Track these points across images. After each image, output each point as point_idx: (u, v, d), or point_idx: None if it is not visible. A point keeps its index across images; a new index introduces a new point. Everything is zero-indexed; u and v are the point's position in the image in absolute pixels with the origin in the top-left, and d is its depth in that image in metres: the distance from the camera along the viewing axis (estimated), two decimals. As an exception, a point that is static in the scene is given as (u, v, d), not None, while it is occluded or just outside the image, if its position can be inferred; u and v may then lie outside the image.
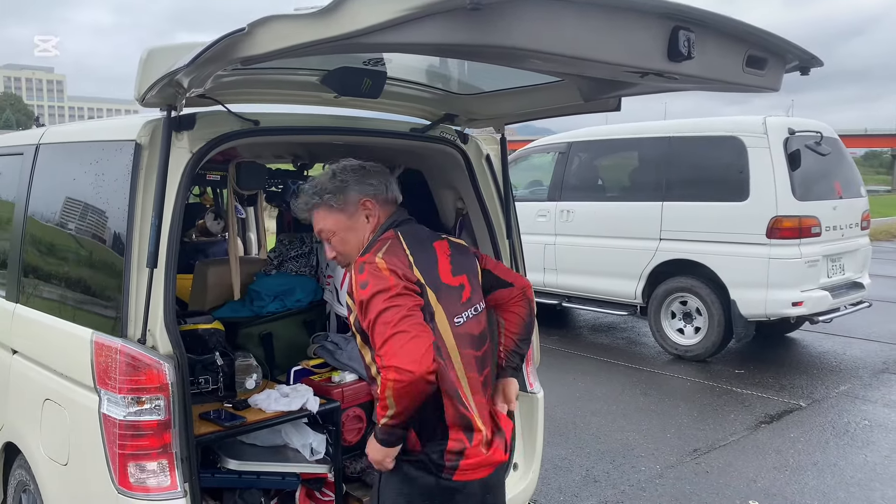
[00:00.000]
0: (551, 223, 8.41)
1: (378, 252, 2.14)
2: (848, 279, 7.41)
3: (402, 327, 1.95)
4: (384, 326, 1.96)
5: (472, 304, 2.28)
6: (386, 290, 2.01)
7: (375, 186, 2.34)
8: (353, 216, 2.32)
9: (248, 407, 2.91)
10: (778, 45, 2.08)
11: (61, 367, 2.66)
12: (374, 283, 2.03)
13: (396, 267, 2.09)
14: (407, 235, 2.26)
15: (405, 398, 1.96)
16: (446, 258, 2.28)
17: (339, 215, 2.32)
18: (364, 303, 2.03)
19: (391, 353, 1.93)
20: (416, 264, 2.16)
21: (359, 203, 2.32)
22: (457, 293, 2.23)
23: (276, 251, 3.91)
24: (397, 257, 2.14)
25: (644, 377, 6.90)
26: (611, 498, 4.35)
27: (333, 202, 2.32)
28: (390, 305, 1.99)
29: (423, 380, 1.92)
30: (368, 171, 2.38)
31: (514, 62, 2.02)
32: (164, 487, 2.30)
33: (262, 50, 1.77)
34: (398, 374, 1.91)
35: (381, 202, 2.34)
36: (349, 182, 2.33)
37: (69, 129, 3.23)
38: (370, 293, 2.02)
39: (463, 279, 2.28)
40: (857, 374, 6.90)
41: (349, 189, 2.32)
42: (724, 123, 7.34)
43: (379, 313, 1.98)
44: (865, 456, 4.96)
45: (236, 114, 2.58)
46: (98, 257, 2.63)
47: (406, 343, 1.93)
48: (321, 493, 3.11)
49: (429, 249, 2.27)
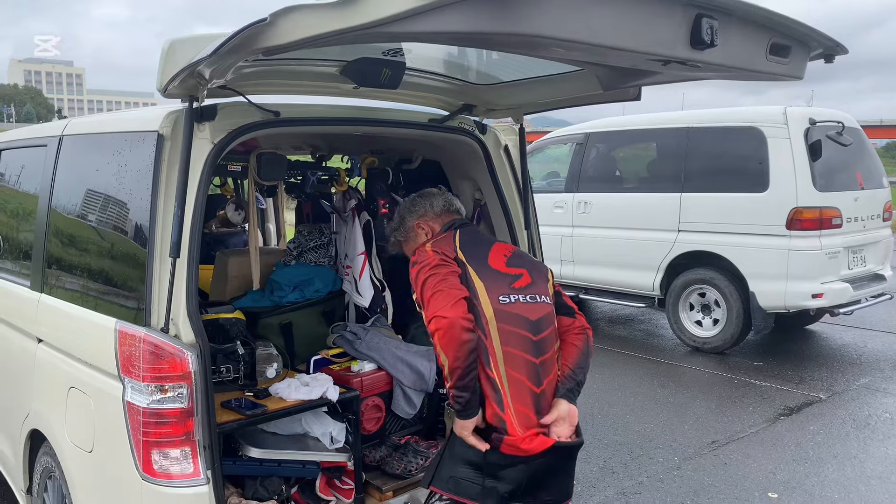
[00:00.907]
0: (568, 215, 8.37)
1: (429, 242, 2.58)
2: (869, 271, 7.33)
3: (439, 287, 2.29)
4: (426, 293, 2.31)
5: (530, 292, 2.45)
6: (426, 264, 2.39)
7: (420, 209, 2.79)
8: (416, 239, 2.77)
9: (268, 396, 2.93)
10: (802, 32, 2.06)
11: (86, 356, 2.69)
12: (420, 260, 2.43)
13: (439, 248, 2.46)
14: (464, 234, 2.60)
15: (448, 344, 2.19)
16: (503, 253, 2.56)
17: (410, 243, 2.80)
18: (414, 276, 2.41)
19: (430, 309, 2.26)
20: (461, 249, 2.49)
21: (415, 227, 2.78)
22: (506, 278, 2.45)
23: (295, 242, 3.93)
24: (445, 244, 2.51)
25: (662, 369, 6.87)
26: (629, 489, 4.35)
27: (400, 236, 2.85)
28: (430, 275, 2.34)
29: (457, 324, 2.18)
30: (415, 199, 2.85)
31: (535, 51, 2.02)
32: (186, 474, 2.33)
33: (285, 40, 1.78)
34: (436, 322, 2.21)
35: (430, 218, 2.76)
36: (404, 215, 2.83)
37: (92, 120, 3.26)
38: (417, 269, 2.41)
39: (521, 271, 2.50)
40: (877, 367, 6.84)
41: (405, 220, 2.82)
42: (743, 114, 7.26)
43: (423, 283, 2.34)
44: (886, 449, 4.92)
45: (257, 105, 2.59)
46: (121, 247, 2.66)
47: (440, 298, 2.26)
48: (341, 481, 3.13)
49: (483, 243, 2.60)
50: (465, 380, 2.22)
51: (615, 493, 4.28)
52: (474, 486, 2.28)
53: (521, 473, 2.27)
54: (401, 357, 3.38)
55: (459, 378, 2.21)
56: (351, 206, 3.85)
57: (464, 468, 2.32)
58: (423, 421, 3.59)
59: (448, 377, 2.23)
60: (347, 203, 3.87)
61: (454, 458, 2.36)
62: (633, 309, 8.93)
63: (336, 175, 3.93)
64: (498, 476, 2.27)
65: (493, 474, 2.28)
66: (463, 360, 2.19)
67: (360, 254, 3.74)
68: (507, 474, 2.27)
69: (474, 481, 2.29)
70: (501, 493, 2.27)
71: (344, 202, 3.89)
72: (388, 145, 3.84)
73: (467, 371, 2.21)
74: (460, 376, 2.21)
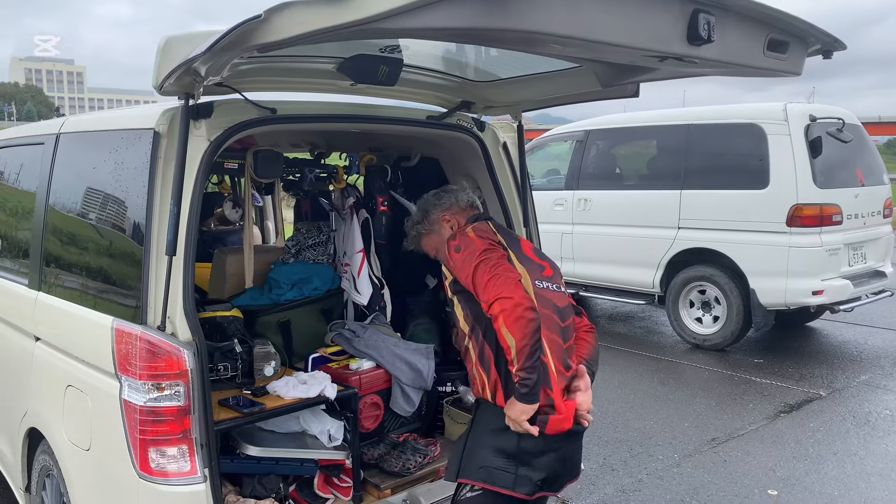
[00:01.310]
0: (568, 212, 8.37)
1: (468, 227, 2.59)
2: (869, 268, 7.32)
3: (496, 272, 2.29)
4: (482, 277, 2.29)
5: (555, 282, 2.55)
6: (475, 249, 2.38)
7: (447, 201, 2.77)
8: (441, 231, 2.75)
9: (266, 394, 2.92)
10: (800, 27, 2.05)
11: (83, 354, 2.69)
12: (465, 245, 2.43)
13: (482, 233, 2.49)
14: (497, 225, 2.66)
15: (516, 324, 2.19)
16: (529, 246, 2.65)
17: (433, 236, 2.79)
18: (460, 262, 2.40)
19: (490, 291, 2.25)
20: (500, 235, 2.54)
21: (440, 220, 2.76)
22: (538, 267, 2.53)
23: (293, 240, 3.92)
24: (485, 231, 2.53)
25: (662, 366, 6.87)
26: (628, 486, 4.34)
27: (423, 229, 2.81)
28: (481, 260, 2.33)
29: (523, 303, 2.20)
30: (439, 193, 2.84)
31: (532, 47, 2.01)
32: (184, 473, 2.33)
33: (279, 37, 1.77)
34: (500, 303, 2.21)
35: (456, 212, 2.76)
36: (428, 208, 2.80)
37: (89, 118, 3.26)
38: (463, 255, 2.40)
39: (545, 263, 2.59)
40: (878, 364, 6.83)
41: (430, 213, 2.79)
42: (743, 110, 7.25)
43: (475, 267, 2.33)
44: (887, 446, 4.91)
45: (254, 102, 2.58)
46: (118, 245, 2.66)
47: (500, 281, 2.26)
48: (339, 479, 3.13)
49: (515, 237, 2.69)
50: (532, 359, 2.22)
51: (615, 491, 4.28)
52: (508, 475, 2.31)
53: (553, 460, 2.34)
54: (399, 355, 3.38)
55: (528, 357, 2.21)
56: (349, 203, 3.84)
57: (495, 457, 2.34)
58: (422, 419, 3.59)
59: (515, 359, 2.22)
60: (346, 201, 3.86)
61: (483, 448, 2.38)
62: (633, 306, 8.93)
63: (334, 173, 3.92)
64: (532, 464, 2.32)
65: (528, 462, 2.32)
66: (530, 338, 2.20)
67: (358, 251, 3.74)
68: (540, 462, 2.32)
69: (507, 470, 2.32)
70: (535, 480, 2.31)
71: (342, 200, 3.88)
72: (387, 143, 3.84)
73: (534, 350, 2.22)
74: (528, 355, 2.21)
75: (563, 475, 2.41)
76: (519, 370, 2.23)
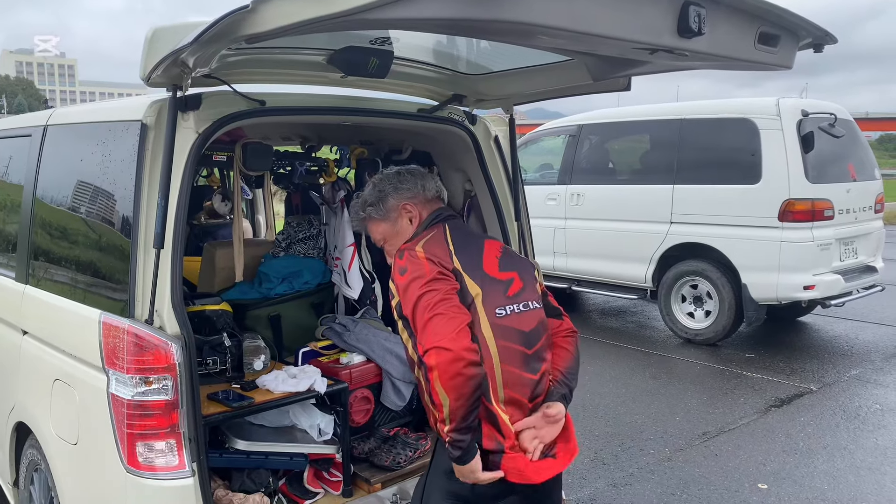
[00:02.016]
0: (561, 207, 8.37)
1: (420, 242, 2.24)
2: (861, 263, 7.35)
3: (438, 310, 2.00)
4: (422, 312, 2.01)
5: (522, 300, 2.23)
6: (422, 276, 2.08)
7: (411, 189, 2.44)
8: (397, 221, 2.43)
9: (255, 388, 2.91)
10: (791, 21, 2.04)
11: (70, 348, 2.67)
12: (412, 269, 2.11)
13: (434, 255, 2.15)
14: (454, 229, 2.32)
15: (451, 382, 1.92)
16: (494, 254, 2.30)
17: (384, 224, 2.45)
18: (403, 287, 2.11)
19: (429, 336, 1.97)
20: (457, 254, 2.20)
21: (399, 208, 2.42)
22: (501, 286, 2.22)
23: (284, 233, 3.91)
24: (438, 247, 2.20)
25: (654, 361, 6.88)
26: (619, 480, 4.35)
27: (375, 213, 2.45)
28: (427, 290, 2.04)
29: (461, 358, 1.92)
30: (403, 175, 2.48)
31: (521, 39, 2.00)
32: (172, 467, 2.31)
33: (267, 27, 1.75)
34: (437, 354, 1.93)
35: (419, 202, 2.43)
36: (386, 191, 2.44)
37: (76, 110, 3.23)
38: (408, 279, 2.10)
39: (513, 275, 2.27)
40: (868, 359, 6.86)
41: (387, 198, 2.43)
42: (736, 105, 7.26)
43: (418, 299, 2.04)
44: (876, 440, 4.93)
45: (242, 94, 2.56)
46: (105, 238, 2.64)
47: (442, 324, 1.97)
48: (329, 473, 3.12)
49: (475, 244, 2.31)
50: (467, 421, 1.97)
51: (606, 485, 4.29)
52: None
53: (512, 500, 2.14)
54: (390, 349, 3.37)
55: (462, 419, 1.95)
56: (340, 197, 3.82)
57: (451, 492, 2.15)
58: (413, 413, 3.58)
59: (447, 419, 1.95)
60: (337, 194, 3.84)
61: (437, 491, 2.20)
62: (625, 301, 8.95)
63: (325, 166, 3.91)
64: None
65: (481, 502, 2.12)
66: (466, 399, 1.93)
67: (349, 245, 3.72)
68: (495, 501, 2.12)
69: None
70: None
71: (333, 193, 3.87)
72: (378, 136, 3.82)
73: (470, 411, 1.96)
74: (463, 417, 1.95)
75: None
76: (450, 431, 1.97)
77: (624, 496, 4.16)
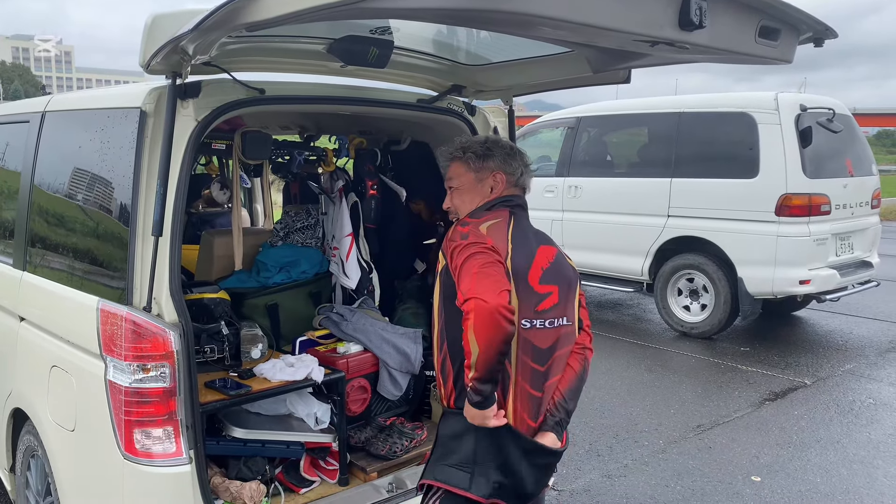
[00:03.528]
0: (559, 199, 8.37)
1: (484, 223, 2.23)
2: (856, 258, 7.37)
3: (488, 271, 2.04)
4: (471, 266, 2.06)
5: (549, 317, 2.24)
6: (482, 244, 2.13)
7: (515, 169, 2.40)
8: (483, 182, 2.39)
9: (253, 376, 2.92)
10: (792, 15, 2.04)
11: (68, 335, 2.67)
12: (474, 237, 2.15)
13: (496, 241, 2.17)
14: (517, 225, 2.30)
15: (484, 330, 1.97)
16: (542, 264, 2.28)
17: (471, 175, 2.40)
18: (460, 248, 2.13)
19: (472, 288, 2.01)
20: (513, 252, 2.21)
21: (493, 173, 2.38)
22: (535, 298, 2.22)
23: (282, 222, 3.91)
24: (500, 237, 2.21)
25: (649, 353, 6.90)
26: (614, 472, 4.37)
27: (472, 161, 2.40)
28: (482, 252, 2.09)
29: (498, 312, 1.96)
30: (514, 152, 2.45)
31: (522, 29, 1.99)
32: (169, 454, 2.32)
33: (267, 15, 1.74)
34: (476, 303, 1.97)
35: (510, 182, 2.40)
36: (495, 154, 2.40)
37: (75, 96, 3.22)
38: (468, 242, 2.13)
39: (552, 289, 2.26)
40: (863, 353, 6.89)
41: (492, 158, 2.39)
42: (735, 99, 7.25)
43: (469, 256, 2.08)
44: (869, 434, 4.96)
45: (242, 82, 2.56)
46: (103, 225, 2.63)
47: (485, 280, 2.01)
48: (325, 461, 3.14)
49: (530, 248, 2.29)
50: (491, 373, 2.03)
51: (600, 476, 4.31)
52: (464, 475, 2.18)
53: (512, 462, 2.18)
54: (387, 339, 3.38)
55: (486, 371, 2.01)
56: (338, 186, 3.82)
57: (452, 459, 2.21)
58: (409, 402, 3.60)
59: (473, 366, 2.02)
60: (335, 184, 3.84)
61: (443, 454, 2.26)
62: (621, 293, 8.96)
63: (323, 155, 3.90)
64: (487, 464, 2.17)
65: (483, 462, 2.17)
66: (495, 350, 2.00)
67: (347, 235, 3.73)
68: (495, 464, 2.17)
69: (464, 469, 2.18)
70: (492, 481, 2.17)
71: (331, 183, 3.87)
72: (377, 126, 3.82)
73: (496, 363, 2.02)
74: (488, 369, 2.01)
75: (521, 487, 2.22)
76: (474, 379, 2.05)
77: (618, 487, 4.18)
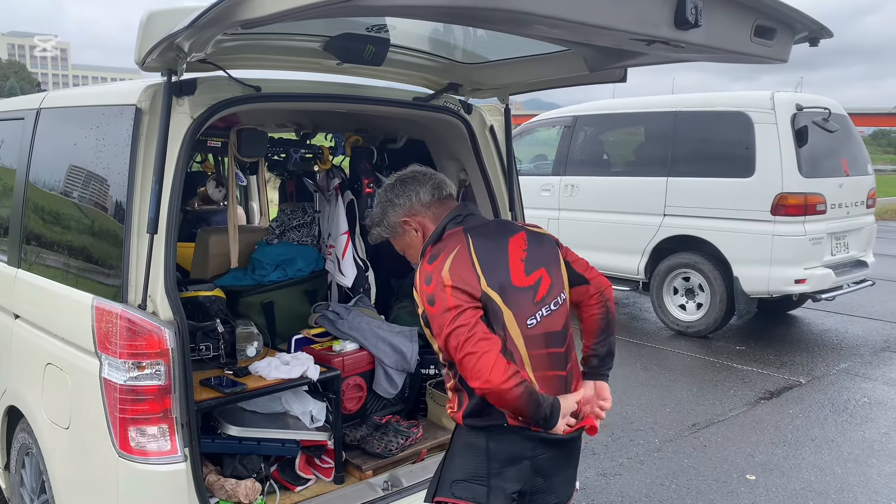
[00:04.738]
0: (555, 198, 8.37)
1: (445, 262, 2.10)
2: (852, 257, 7.39)
3: (468, 349, 2.00)
4: (454, 351, 2.03)
5: (550, 300, 2.21)
6: (447, 310, 2.03)
7: (404, 203, 2.30)
8: (404, 236, 2.34)
9: (248, 374, 2.92)
10: (787, 14, 2.05)
11: (63, 332, 2.67)
12: (440, 302, 2.05)
13: (461, 283, 2.06)
14: (476, 238, 2.18)
15: (504, 405, 2.05)
16: (520, 255, 2.22)
17: (395, 239, 2.38)
18: (431, 312, 2.08)
19: (468, 376, 2.02)
20: (485, 273, 2.11)
21: (401, 225, 2.32)
22: (530, 293, 2.17)
23: (278, 220, 3.90)
24: (465, 269, 2.09)
25: (645, 352, 6.91)
26: (609, 470, 4.38)
27: (384, 233, 2.38)
28: (456, 327, 2.01)
29: (503, 389, 1.98)
30: (396, 188, 2.34)
31: (518, 27, 1.99)
32: (164, 452, 2.32)
33: (263, 13, 1.73)
34: (481, 389, 2.01)
35: (418, 212, 2.30)
36: (385, 208, 2.34)
37: (70, 93, 3.21)
38: (437, 311, 2.05)
39: (540, 273, 2.22)
40: (857, 352, 6.91)
41: (387, 216, 2.34)
42: (731, 98, 7.27)
43: (447, 337, 2.03)
44: (864, 433, 4.98)
45: (238, 79, 2.55)
46: (99, 223, 2.63)
47: (476, 364, 1.99)
48: (321, 459, 3.13)
49: (500, 250, 2.20)
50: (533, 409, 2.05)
51: (595, 475, 4.32)
52: (480, 487, 2.15)
53: (527, 471, 2.16)
54: (383, 337, 3.38)
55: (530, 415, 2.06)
56: (335, 185, 3.82)
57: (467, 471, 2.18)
58: (405, 401, 3.59)
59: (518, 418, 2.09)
60: (331, 182, 3.84)
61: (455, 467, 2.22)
62: (617, 292, 8.94)
63: (320, 153, 3.90)
64: (503, 474, 2.15)
65: (499, 472, 2.15)
66: (523, 406, 2.03)
67: (343, 233, 3.73)
68: (511, 471, 2.15)
69: (479, 482, 2.15)
70: (508, 492, 2.14)
71: (328, 181, 3.86)
72: (373, 124, 3.81)
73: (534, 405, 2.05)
74: (528, 414, 2.05)
75: (543, 491, 2.20)
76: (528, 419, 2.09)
77: (613, 486, 4.19)
